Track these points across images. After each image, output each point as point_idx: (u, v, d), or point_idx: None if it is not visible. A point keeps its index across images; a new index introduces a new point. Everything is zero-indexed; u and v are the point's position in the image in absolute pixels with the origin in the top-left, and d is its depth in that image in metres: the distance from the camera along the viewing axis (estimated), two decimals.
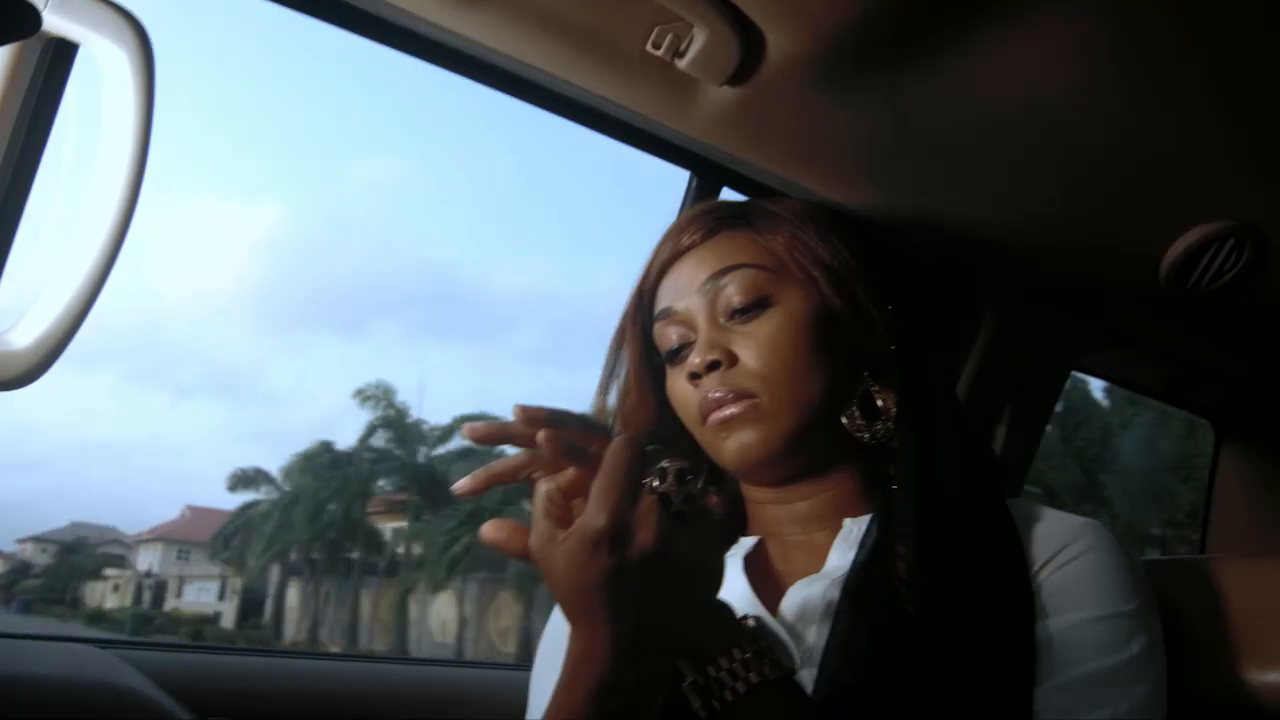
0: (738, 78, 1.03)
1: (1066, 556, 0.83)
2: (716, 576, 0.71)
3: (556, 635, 0.95)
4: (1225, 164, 1.19)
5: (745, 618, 0.74)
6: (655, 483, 0.67)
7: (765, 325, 0.89)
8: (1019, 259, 1.37)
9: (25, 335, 0.70)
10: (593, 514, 0.65)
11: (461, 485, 0.74)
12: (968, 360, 1.46)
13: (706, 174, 1.26)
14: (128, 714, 1.07)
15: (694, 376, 0.90)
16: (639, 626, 0.66)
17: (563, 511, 0.70)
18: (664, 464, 0.68)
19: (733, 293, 0.91)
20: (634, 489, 0.66)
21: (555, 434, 0.70)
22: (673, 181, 1.28)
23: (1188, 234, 1.29)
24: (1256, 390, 1.83)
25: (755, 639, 0.72)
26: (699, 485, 0.69)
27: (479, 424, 0.73)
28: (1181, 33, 0.97)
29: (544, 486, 0.71)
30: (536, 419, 0.71)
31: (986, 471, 0.91)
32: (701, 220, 0.96)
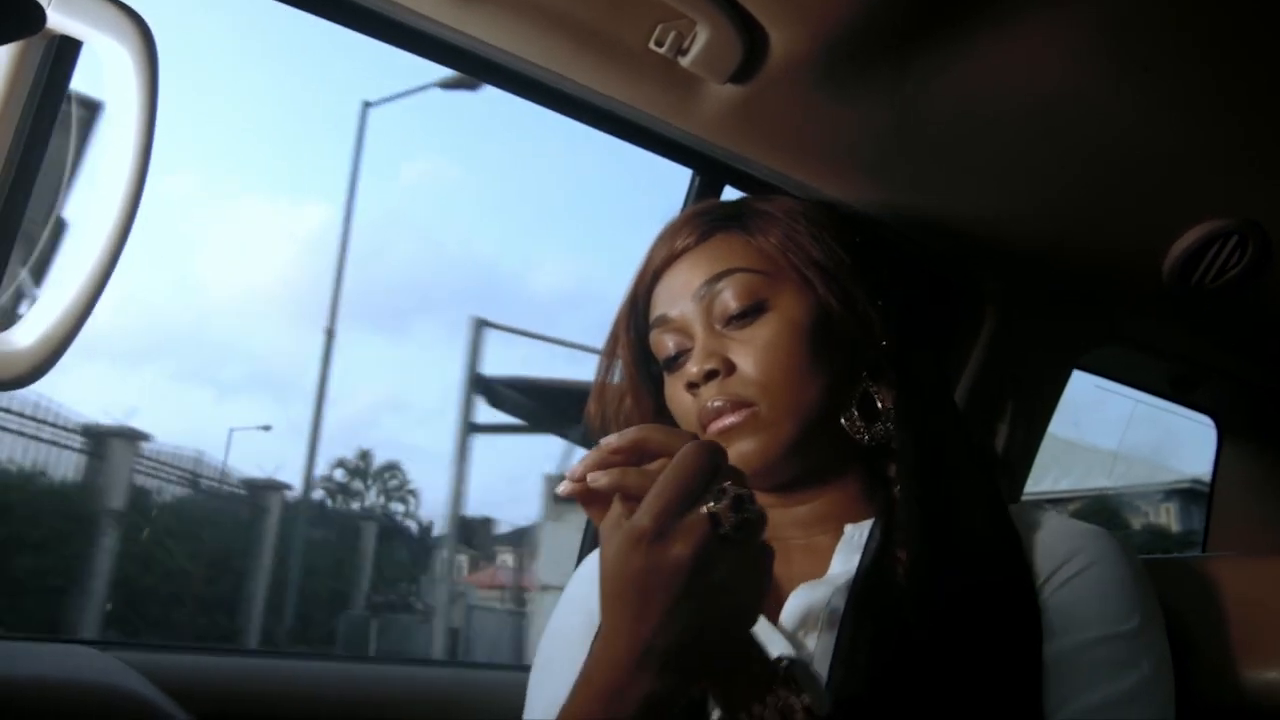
0: (740, 76, 1.02)
1: (1070, 571, 0.81)
2: (749, 610, 0.69)
3: (555, 639, 0.95)
4: (1228, 161, 1.19)
5: (779, 659, 0.72)
6: (711, 501, 0.65)
7: (762, 331, 0.88)
8: (1021, 257, 1.37)
9: (27, 334, 0.70)
10: (640, 512, 0.64)
11: (564, 488, 0.72)
12: (970, 359, 1.46)
13: (709, 172, 1.26)
14: (127, 716, 1.06)
15: (692, 386, 0.89)
16: (657, 638, 0.64)
17: (639, 502, 0.68)
18: (725, 484, 0.65)
19: (728, 298, 0.90)
20: (687, 498, 0.64)
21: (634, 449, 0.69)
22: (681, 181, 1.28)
23: (1191, 231, 1.29)
24: (1258, 388, 1.83)
25: (788, 682, 0.70)
26: (756, 514, 0.65)
27: (567, 484, 0.71)
28: (1183, 31, 0.97)
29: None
30: (623, 448, 0.70)
31: (989, 472, 0.90)
32: (694, 223, 0.95)
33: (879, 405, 0.90)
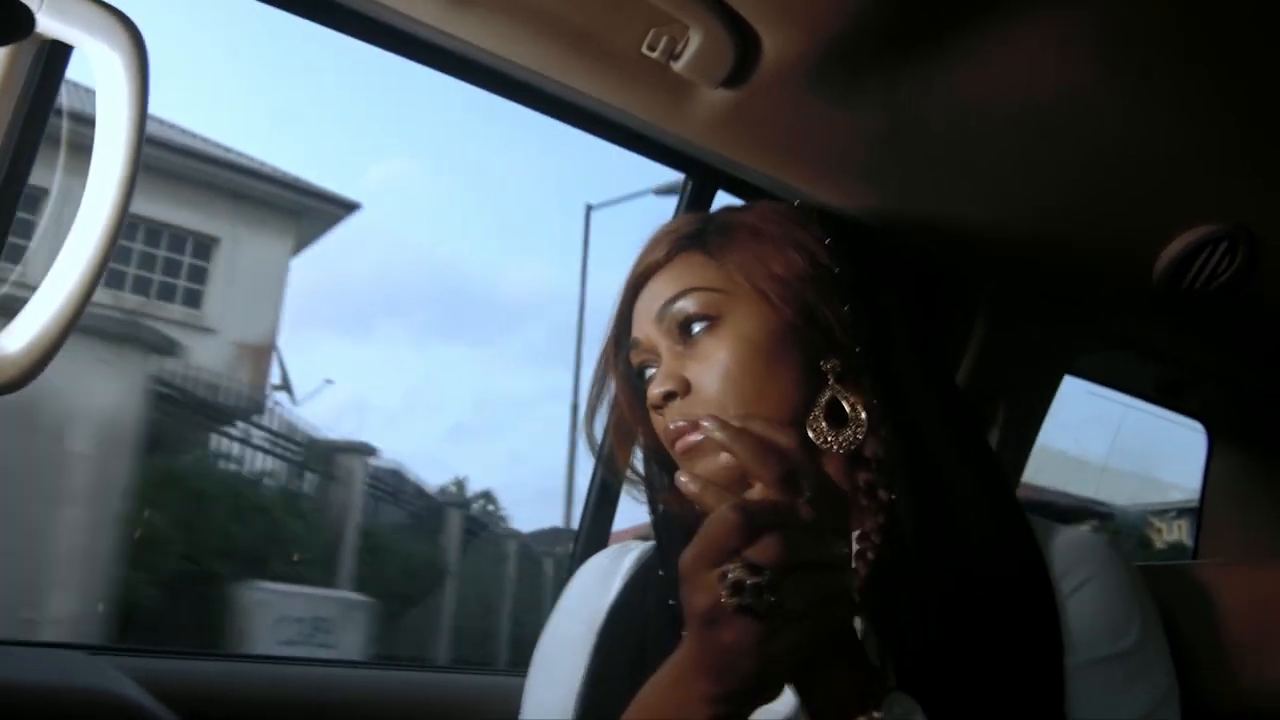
0: (733, 81, 1.02)
1: (1073, 583, 0.81)
2: (771, 674, 0.66)
3: (553, 642, 0.95)
4: (1219, 166, 1.19)
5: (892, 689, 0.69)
6: (730, 570, 0.61)
7: (717, 349, 0.88)
8: (1013, 261, 1.37)
9: (16, 340, 0.70)
10: (686, 551, 0.64)
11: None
12: (961, 364, 1.46)
13: (702, 177, 1.26)
14: None
15: (655, 407, 0.90)
16: (698, 657, 0.65)
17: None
18: (747, 559, 0.61)
19: (683, 318, 0.90)
20: (710, 559, 0.62)
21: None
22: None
23: (1181, 236, 1.29)
24: (1248, 392, 1.84)
25: (878, 700, 0.68)
26: (761, 604, 0.60)
27: None
28: (1175, 35, 0.98)
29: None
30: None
31: (995, 471, 0.88)
32: (664, 240, 0.95)
33: (847, 410, 0.88)
